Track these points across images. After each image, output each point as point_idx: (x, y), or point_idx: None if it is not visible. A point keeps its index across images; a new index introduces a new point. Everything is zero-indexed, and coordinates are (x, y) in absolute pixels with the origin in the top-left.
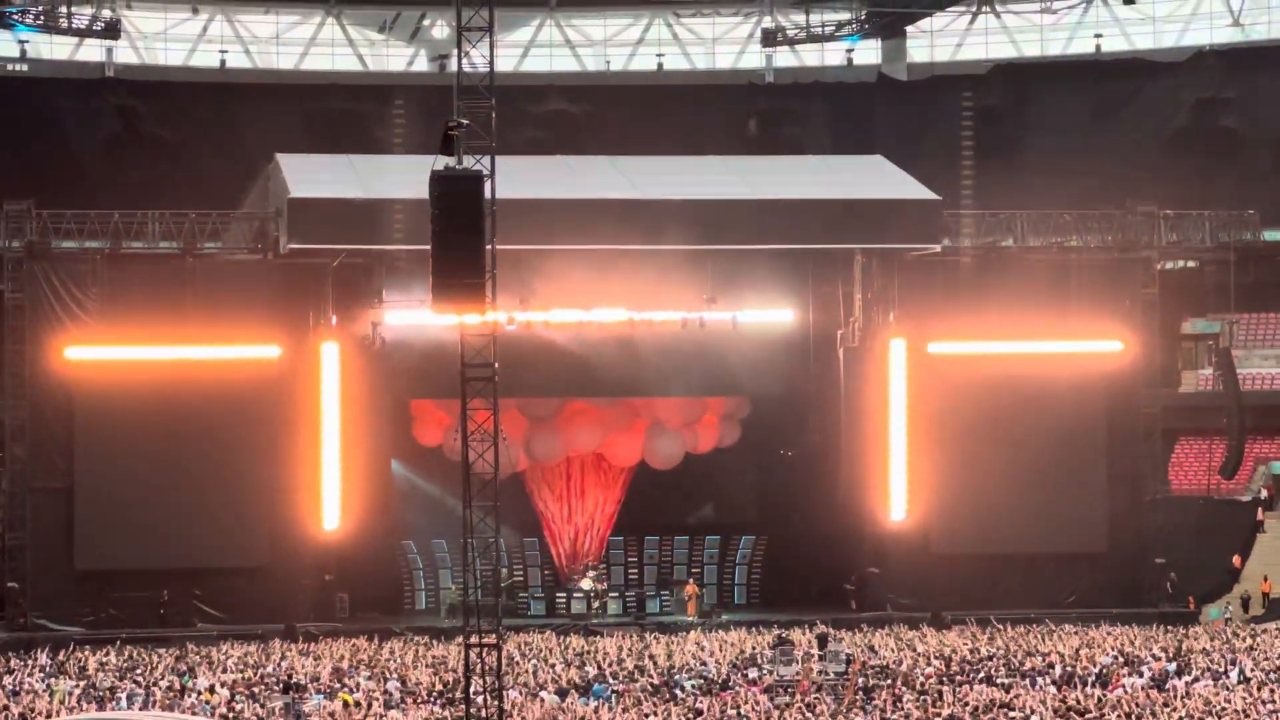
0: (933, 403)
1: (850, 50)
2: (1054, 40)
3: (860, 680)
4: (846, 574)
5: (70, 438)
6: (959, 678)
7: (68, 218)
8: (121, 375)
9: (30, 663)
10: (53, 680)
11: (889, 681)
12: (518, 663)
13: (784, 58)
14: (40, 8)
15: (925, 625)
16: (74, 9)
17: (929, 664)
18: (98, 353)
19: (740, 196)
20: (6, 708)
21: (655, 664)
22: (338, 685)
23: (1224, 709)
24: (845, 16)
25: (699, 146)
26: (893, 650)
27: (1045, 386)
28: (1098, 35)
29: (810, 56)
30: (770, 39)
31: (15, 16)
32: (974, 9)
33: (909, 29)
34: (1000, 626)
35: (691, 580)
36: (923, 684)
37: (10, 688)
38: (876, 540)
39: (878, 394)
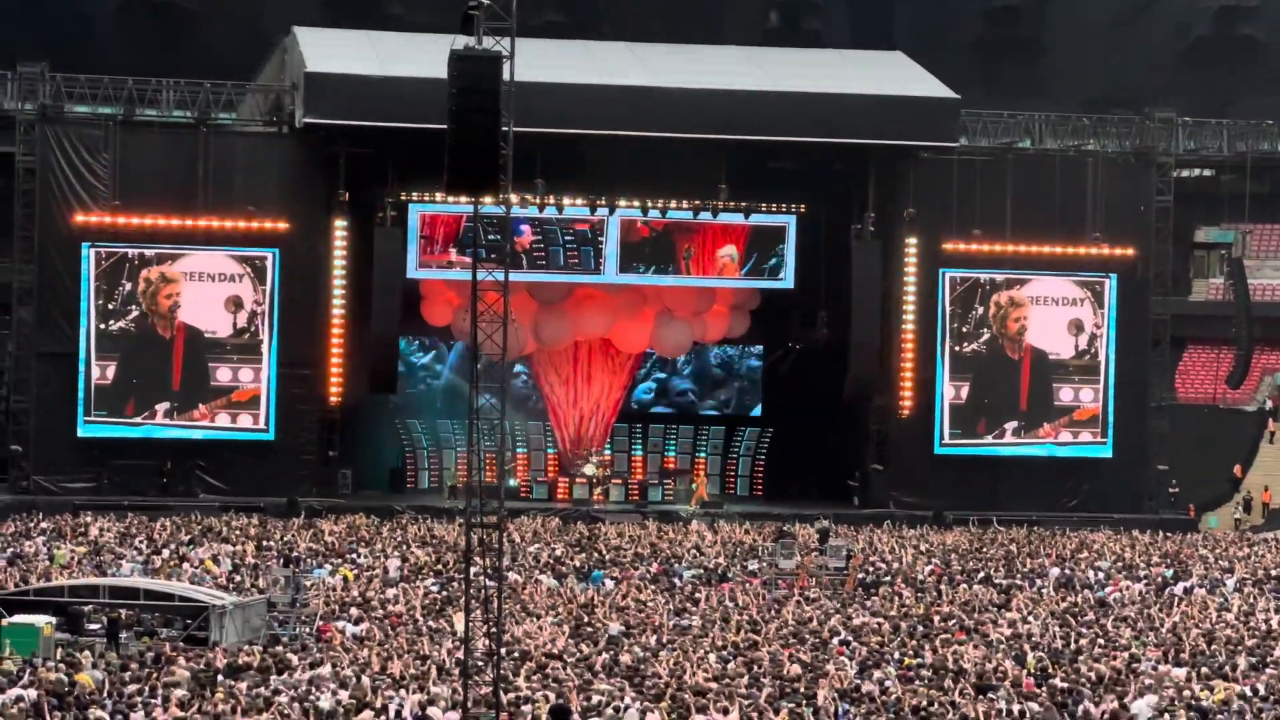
0: (943, 301)
1: None
2: None
3: (859, 575)
4: (850, 470)
5: (77, 304)
6: (958, 577)
7: (81, 81)
8: (130, 242)
9: (32, 526)
10: (54, 544)
11: (888, 578)
12: (518, 545)
13: None
14: None
15: (926, 524)
16: None
17: (929, 562)
18: (108, 219)
19: (758, 88)
20: (7, 569)
21: (656, 552)
22: (338, 560)
23: (1218, 616)
24: None
25: (718, 36)
26: (893, 548)
27: (1054, 288)
28: None
29: None
30: None
31: None
32: None
33: None
34: (1001, 528)
35: (699, 472)
36: (921, 582)
37: (13, 550)
38: (881, 437)
39: (888, 291)
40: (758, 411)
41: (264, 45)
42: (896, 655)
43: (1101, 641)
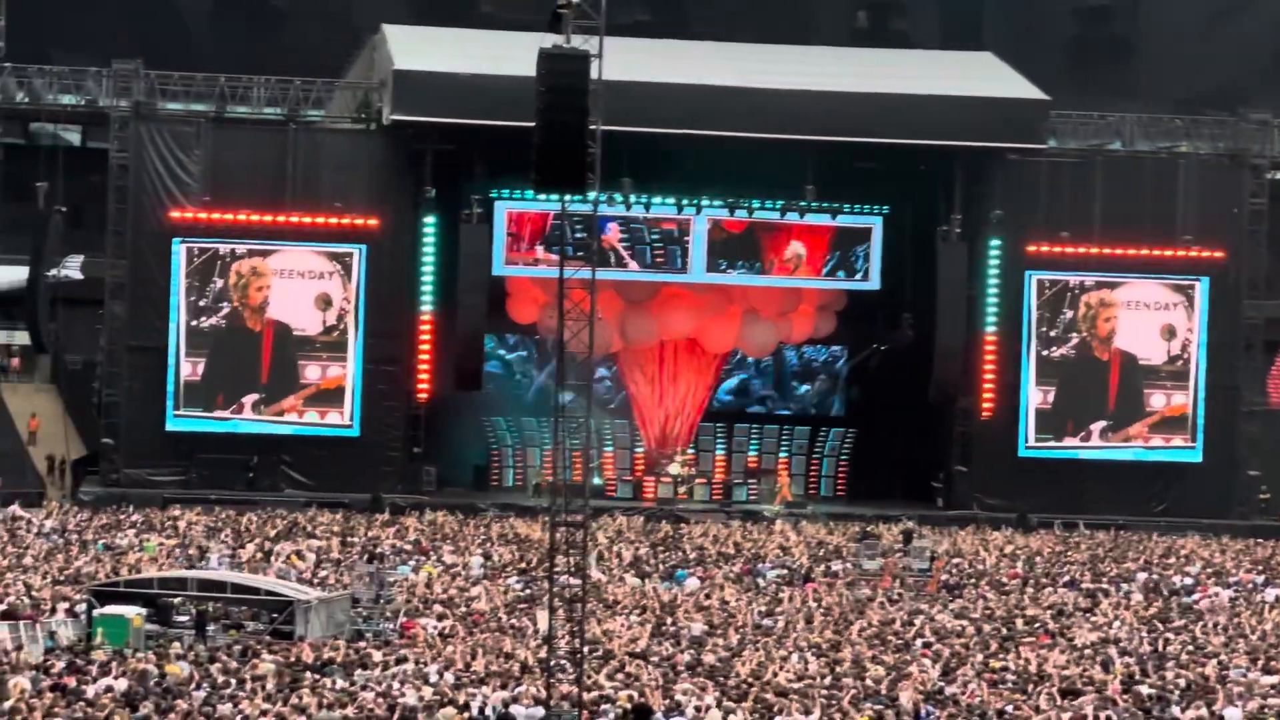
0: (1029, 304)
1: None
2: None
3: (944, 577)
4: (934, 471)
5: (167, 299)
6: (1043, 580)
7: (174, 79)
8: (221, 238)
9: (123, 518)
10: (144, 536)
11: (972, 579)
12: (602, 544)
13: None
14: None
15: (1011, 526)
16: None
17: (1013, 565)
18: (199, 215)
19: (847, 89)
20: (99, 559)
21: (739, 552)
22: (422, 557)
23: None
24: None
25: (807, 37)
26: (977, 550)
27: (1146, 292)
28: None
29: None
30: None
31: None
32: None
33: None
34: (1087, 532)
35: (783, 472)
36: (1005, 584)
37: (104, 542)
38: (965, 439)
39: (974, 293)
40: (842, 412)
41: (353, 43)
42: (980, 658)
43: (1190, 648)
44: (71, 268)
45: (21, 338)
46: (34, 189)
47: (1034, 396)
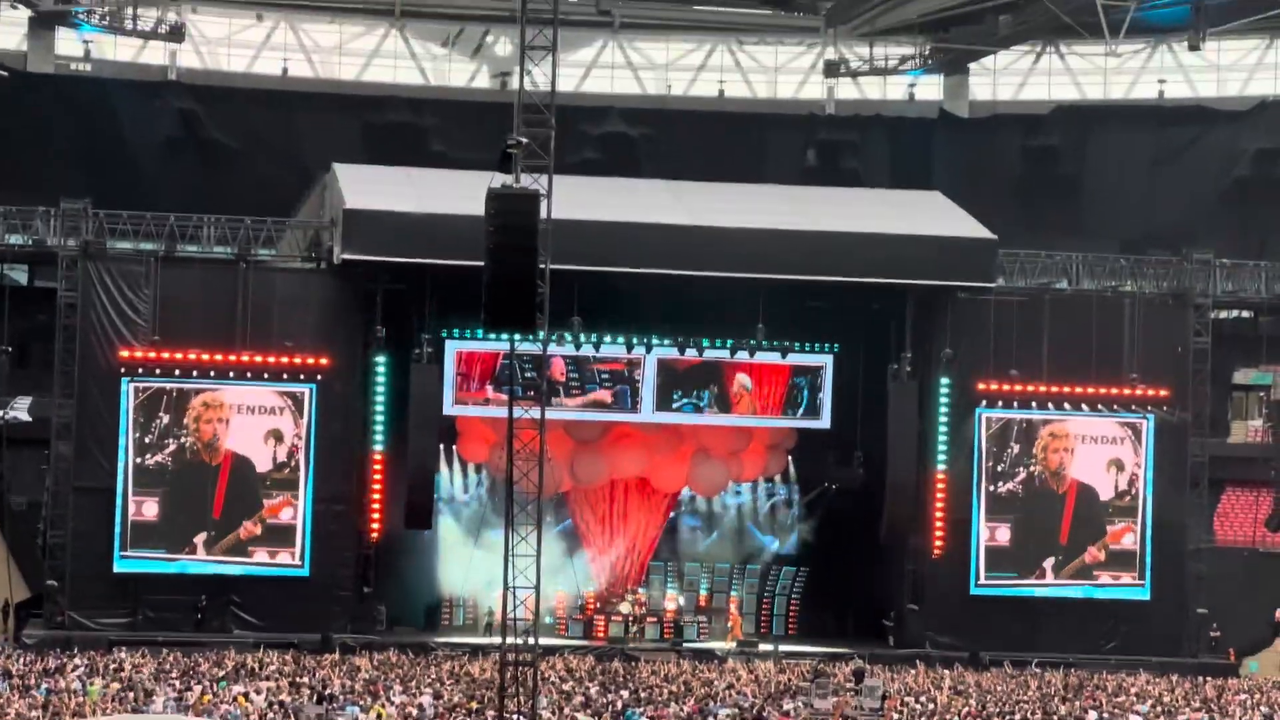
0: (979, 442)
1: (913, 85)
2: (1117, 83)
3: (894, 716)
4: (886, 609)
5: (115, 438)
6: (995, 718)
7: (124, 218)
8: (170, 377)
9: (67, 661)
10: (89, 680)
11: (924, 719)
12: (553, 683)
13: (846, 89)
14: (106, 9)
15: (962, 665)
16: (139, 11)
17: (965, 704)
18: (148, 354)
19: (796, 227)
20: (45, 704)
21: (690, 691)
22: (372, 698)
23: None
24: (909, 51)
25: (757, 174)
26: (928, 688)
27: (1092, 429)
28: (1161, 80)
29: (872, 89)
30: (833, 70)
31: (81, 16)
32: (1038, 48)
33: (972, 66)
34: (1038, 670)
35: (734, 610)
36: None
37: (48, 686)
38: (917, 577)
39: (924, 431)
40: (793, 550)
41: (304, 181)
42: None
43: None
44: (19, 409)
45: None
46: None
47: (984, 534)
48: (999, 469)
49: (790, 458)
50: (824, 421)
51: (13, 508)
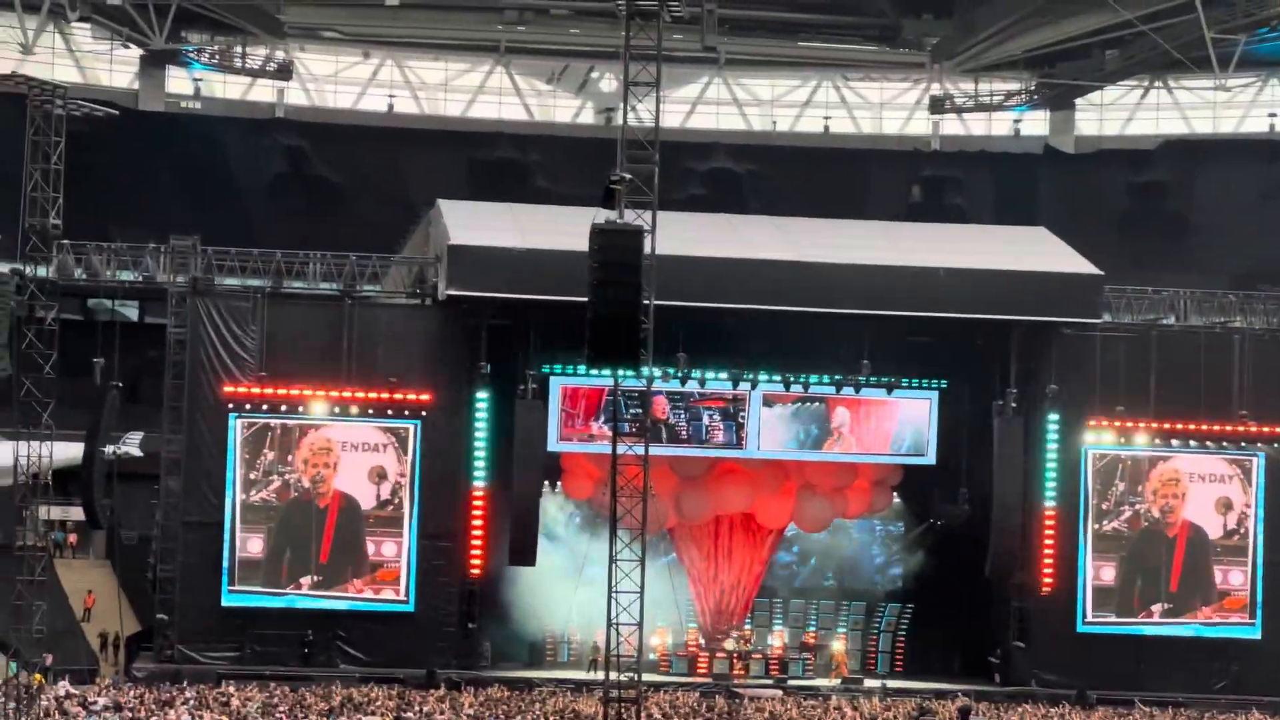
0: (1086, 479)
1: (1018, 120)
2: (1226, 118)
3: None
4: (991, 647)
5: (223, 473)
6: None
7: (232, 255)
8: (276, 413)
9: (176, 694)
10: (197, 714)
11: None
12: None
13: (951, 125)
14: (215, 48)
15: (1069, 703)
16: (248, 50)
17: None
18: (255, 390)
19: (901, 263)
20: None
21: None
22: None
23: None
24: (1014, 87)
25: (861, 210)
26: None
27: (1200, 468)
28: (1272, 114)
29: (977, 125)
30: (938, 106)
31: (191, 55)
32: (1145, 83)
33: (1078, 101)
34: (1146, 709)
35: (842, 645)
36: None
37: (158, 718)
38: (1023, 614)
39: (1030, 467)
40: (898, 587)
41: (410, 218)
42: None
43: None
44: (131, 444)
45: (77, 514)
46: (91, 365)
47: (1091, 571)
48: (1104, 506)
49: (896, 494)
50: (929, 457)
51: (124, 542)
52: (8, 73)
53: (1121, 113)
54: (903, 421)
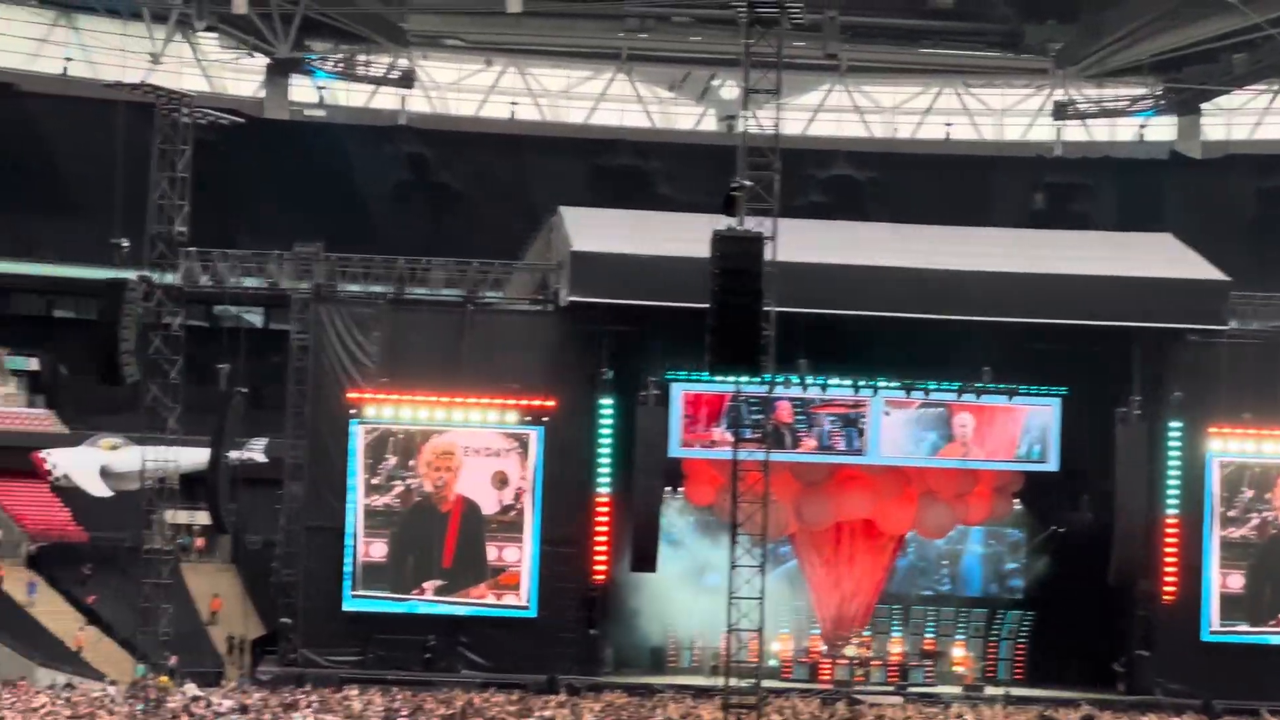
0: (1211, 486)
1: (1143, 126)
2: None
3: None
4: (1115, 655)
5: (345, 479)
6: None
7: (354, 261)
8: (400, 419)
9: (300, 698)
10: (320, 717)
11: None
12: None
13: (1074, 131)
14: (339, 56)
15: (1195, 713)
16: (371, 58)
17: None
18: (377, 396)
19: (1024, 270)
20: None
21: None
22: None
23: None
24: (1140, 92)
25: (984, 217)
26: None
27: None
28: None
29: (1101, 131)
30: (1061, 112)
31: (315, 64)
32: (1274, 87)
33: (1205, 106)
34: (1274, 718)
35: (966, 652)
36: None
37: None
38: (1147, 623)
39: (1154, 475)
40: (1020, 594)
41: (532, 224)
42: None
43: None
44: (255, 450)
45: (203, 518)
46: (216, 371)
47: (1216, 580)
48: (1231, 514)
49: (1017, 500)
50: (1052, 464)
51: (248, 546)
52: (136, 82)
53: (1249, 117)
54: (1026, 428)
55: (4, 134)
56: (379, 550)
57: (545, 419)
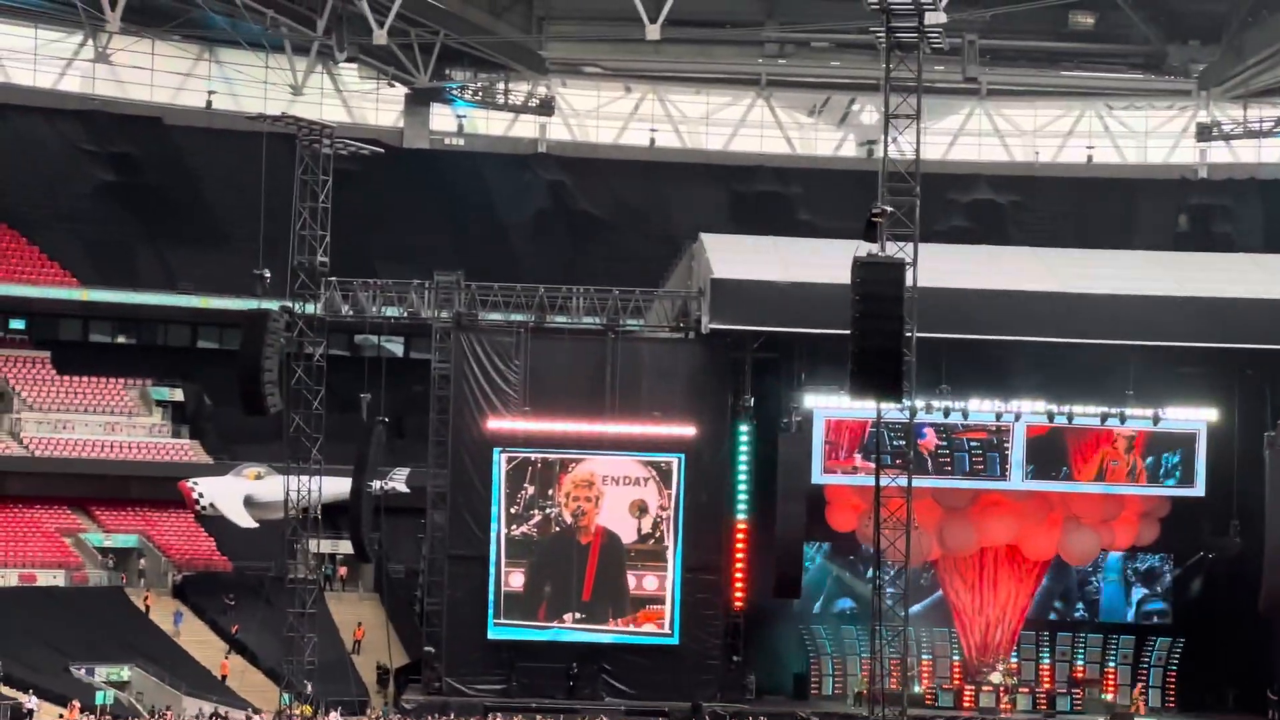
0: None
1: None
2: None
3: None
4: (1267, 683)
5: (488, 508)
6: None
7: (495, 290)
8: (540, 447)
9: None
10: None
11: None
12: None
13: (1218, 153)
14: (478, 84)
15: None
16: (510, 86)
17: None
18: (518, 425)
19: (1167, 293)
20: None
21: None
22: None
23: None
24: None
25: (1127, 241)
26: None
27: None
28: None
29: (1246, 152)
30: (1205, 134)
31: (454, 93)
32: None
33: None
34: None
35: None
36: None
37: None
38: None
39: None
40: (1169, 621)
41: (672, 252)
42: None
43: None
44: (398, 480)
45: (346, 547)
46: (358, 400)
47: None
48: None
49: (1164, 526)
50: (1198, 489)
51: (391, 576)
52: (278, 114)
53: None
54: (1171, 453)
55: (150, 167)
56: (517, 580)
57: (686, 447)
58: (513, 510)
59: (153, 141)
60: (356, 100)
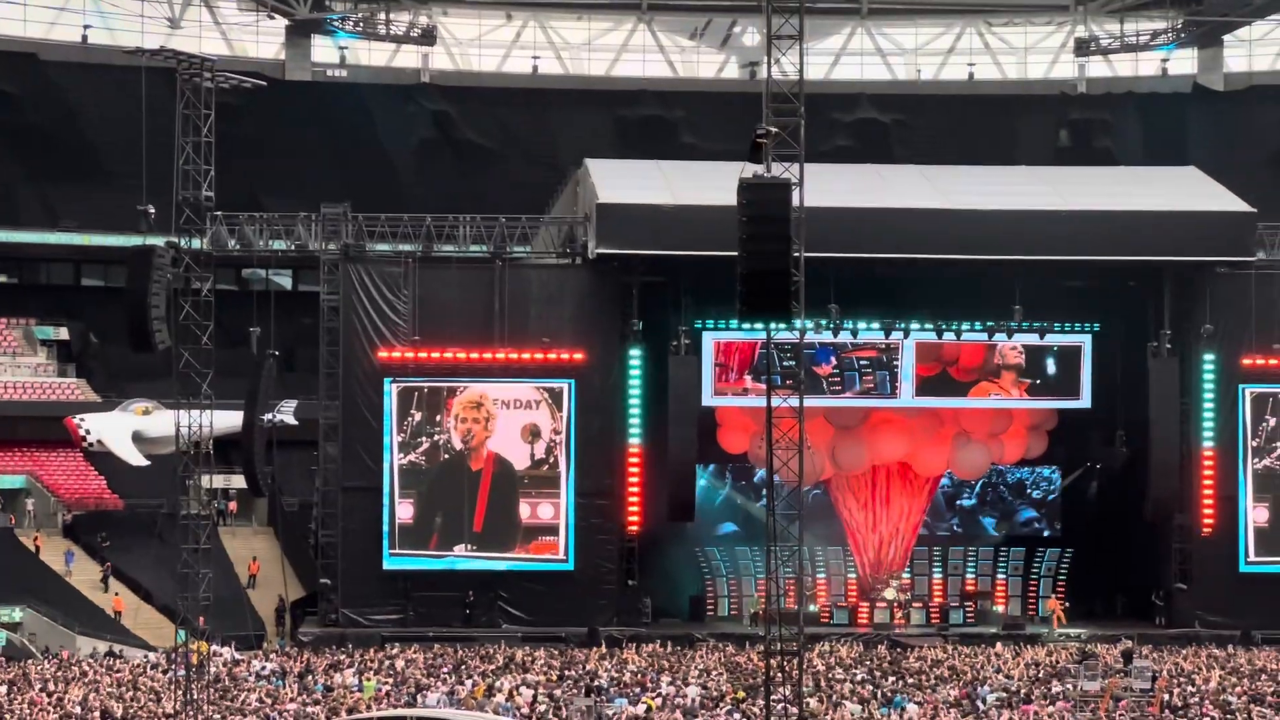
0: (1243, 418)
1: (1165, 60)
2: None
3: (1165, 698)
4: (1153, 589)
5: (380, 439)
6: (1270, 698)
7: (381, 221)
8: (430, 376)
9: (343, 658)
10: (364, 676)
11: (1196, 700)
12: (819, 672)
13: (1097, 67)
14: (359, 15)
15: (1234, 644)
16: (391, 17)
17: (1238, 683)
18: (409, 354)
19: (1050, 207)
20: (319, 700)
21: (957, 676)
22: (640, 690)
23: None
24: (1161, 25)
25: (1009, 156)
26: (1200, 669)
27: None
28: None
29: (1124, 66)
30: (1083, 48)
31: (335, 24)
32: None
33: (1226, 38)
34: None
35: (1054, 596)
36: (1231, 705)
37: (324, 683)
38: (1185, 556)
39: (1187, 408)
40: (1058, 532)
41: (557, 178)
42: None
43: None
44: (286, 412)
45: (238, 482)
46: (247, 334)
47: (1251, 511)
48: (1254, 444)
49: (1052, 438)
50: (1084, 401)
51: (285, 509)
52: (156, 48)
53: (1271, 48)
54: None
55: (27, 103)
56: (407, 512)
57: (576, 372)
58: (400, 438)
59: (29, 77)
60: (236, 33)
